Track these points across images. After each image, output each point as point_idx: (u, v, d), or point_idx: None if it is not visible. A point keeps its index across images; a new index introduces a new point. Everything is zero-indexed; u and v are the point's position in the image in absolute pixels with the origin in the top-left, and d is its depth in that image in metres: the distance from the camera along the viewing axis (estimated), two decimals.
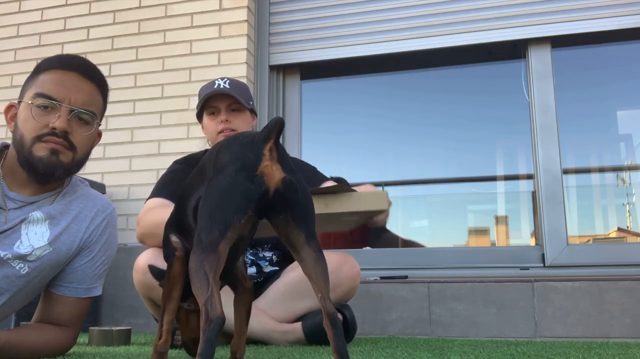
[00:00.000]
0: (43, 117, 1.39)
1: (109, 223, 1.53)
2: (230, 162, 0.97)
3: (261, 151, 0.96)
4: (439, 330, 2.43)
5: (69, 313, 1.47)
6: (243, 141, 1.00)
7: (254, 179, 0.94)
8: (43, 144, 1.39)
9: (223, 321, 0.87)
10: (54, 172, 1.40)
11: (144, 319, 2.73)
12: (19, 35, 3.35)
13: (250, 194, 0.94)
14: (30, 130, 1.39)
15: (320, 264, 0.97)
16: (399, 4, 3.02)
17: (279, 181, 0.96)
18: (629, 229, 2.94)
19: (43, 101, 1.39)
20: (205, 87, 2.15)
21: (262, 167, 0.95)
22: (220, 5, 3.08)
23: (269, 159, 0.96)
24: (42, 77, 1.43)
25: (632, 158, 2.95)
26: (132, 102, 3.09)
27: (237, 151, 0.98)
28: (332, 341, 0.92)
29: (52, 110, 1.39)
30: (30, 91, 1.42)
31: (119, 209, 2.93)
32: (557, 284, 2.36)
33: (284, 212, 0.97)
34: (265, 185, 0.95)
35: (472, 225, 3.16)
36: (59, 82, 1.41)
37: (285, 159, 0.99)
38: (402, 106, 3.30)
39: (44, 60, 1.46)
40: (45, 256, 1.41)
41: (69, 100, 1.40)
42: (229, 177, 0.95)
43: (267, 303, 1.94)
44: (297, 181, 0.98)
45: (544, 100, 2.80)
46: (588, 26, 2.77)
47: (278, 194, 0.96)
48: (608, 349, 1.68)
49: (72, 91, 1.41)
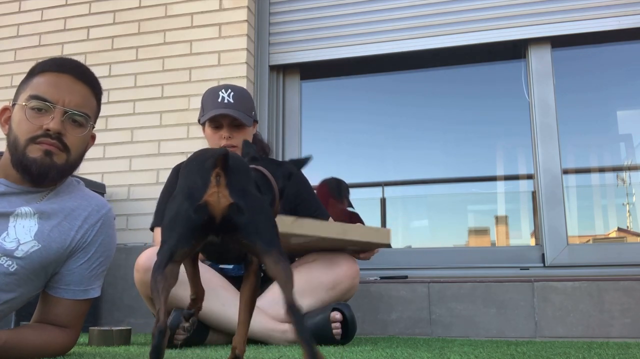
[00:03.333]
0: (37, 119, 1.39)
1: (104, 223, 1.52)
2: (180, 189, 1.03)
3: (209, 178, 0.99)
4: (439, 330, 2.43)
5: (67, 315, 1.47)
6: (196, 165, 1.04)
7: (197, 209, 0.98)
8: (37, 146, 1.39)
9: (165, 329, 0.94)
10: (48, 173, 1.41)
11: (144, 319, 2.73)
12: (19, 35, 3.35)
13: (192, 225, 0.99)
14: (24, 132, 1.39)
15: (280, 264, 1.00)
16: (399, 4, 3.02)
17: (225, 208, 0.99)
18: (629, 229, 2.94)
19: (37, 103, 1.39)
20: (210, 97, 2.14)
21: (207, 196, 0.98)
22: (220, 5, 3.08)
23: (214, 185, 0.99)
24: (36, 79, 1.43)
25: (632, 158, 2.95)
26: (132, 102, 3.09)
27: (189, 177, 1.03)
28: (295, 329, 0.96)
29: (46, 112, 1.40)
30: (24, 93, 1.42)
31: (118, 209, 2.94)
32: (557, 284, 2.36)
33: (234, 233, 1.01)
34: (209, 213, 0.98)
35: (472, 225, 3.17)
36: (53, 84, 1.42)
37: (234, 181, 1.01)
38: (402, 105, 3.31)
39: (38, 63, 1.47)
40: (35, 253, 1.39)
41: (62, 102, 1.41)
42: (175, 206, 1.01)
43: (267, 303, 1.94)
44: (246, 202, 1.01)
45: (544, 100, 2.80)
46: (588, 26, 2.77)
47: (226, 219, 0.99)
48: (608, 349, 1.68)
49: (66, 92, 1.42)
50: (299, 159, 1.35)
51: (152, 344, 0.94)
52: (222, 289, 1.89)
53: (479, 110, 3.18)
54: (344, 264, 2.00)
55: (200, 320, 1.87)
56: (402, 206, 3.30)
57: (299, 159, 1.35)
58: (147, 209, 2.93)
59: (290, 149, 3.08)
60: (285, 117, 3.16)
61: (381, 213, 3.23)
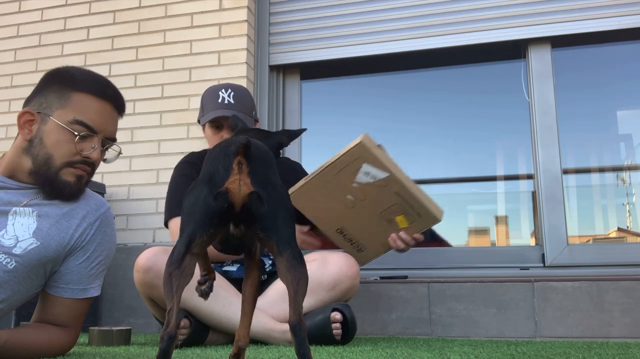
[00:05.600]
0: (79, 145, 1.42)
1: (103, 222, 1.52)
2: (202, 176, 1.00)
3: (230, 164, 0.97)
4: (439, 330, 2.43)
5: (66, 314, 1.47)
6: (219, 152, 1.01)
7: (217, 196, 0.96)
8: (72, 170, 1.43)
9: (176, 334, 0.94)
10: (77, 195, 1.47)
11: (144, 319, 2.73)
12: (19, 35, 3.35)
13: (211, 212, 0.97)
14: (63, 154, 1.41)
15: (292, 272, 0.97)
16: (399, 4, 3.02)
17: (245, 196, 0.97)
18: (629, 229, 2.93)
19: (82, 129, 1.42)
20: (210, 97, 2.13)
21: (228, 183, 0.96)
22: (220, 5, 3.08)
23: (236, 173, 0.97)
24: (77, 99, 1.43)
25: (632, 158, 2.95)
26: (132, 102, 3.09)
27: (212, 164, 1.00)
28: (295, 348, 0.93)
29: (87, 138, 1.43)
30: (63, 110, 1.42)
31: (119, 209, 2.94)
32: (557, 284, 2.36)
33: (252, 224, 0.99)
34: (229, 201, 0.96)
35: (472, 225, 3.16)
36: (98, 112, 1.45)
37: (258, 169, 0.99)
38: (402, 105, 3.30)
39: (75, 76, 1.46)
40: (33, 251, 1.39)
41: (104, 132, 1.46)
42: (196, 193, 0.99)
43: (267, 302, 1.95)
44: (267, 192, 0.98)
45: (544, 100, 2.80)
46: (588, 26, 2.77)
47: (245, 208, 0.97)
48: (608, 349, 1.68)
49: (108, 123, 1.47)
50: (293, 130, 1.34)
51: (159, 347, 0.93)
52: (222, 290, 1.89)
53: (479, 110, 3.18)
54: (344, 265, 2.00)
55: (200, 320, 1.87)
56: None
57: (293, 130, 1.34)
58: (147, 209, 2.93)
59: (290, 149, 3.08)
60: (285, 117, 3.16)
61: None
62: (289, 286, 0.97)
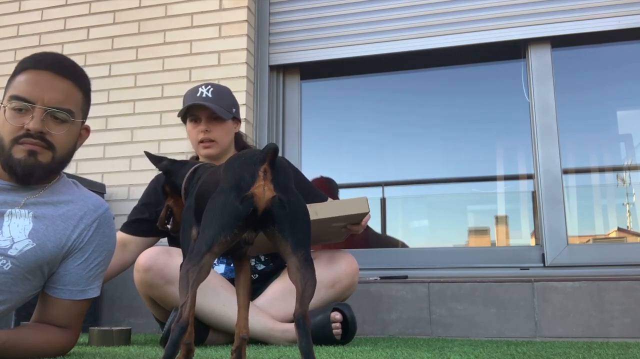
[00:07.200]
0: (18, 119, 1.39)
1: (101, 223, 1.51)
2: (228, 182, 1.08)
3: (257, 171, 1.05)
4: (439, 330, 2.43)
5: (65, 315, 1.46)
6: (245, 161, 1.09)
7: (244, 200, 1.04)
8: (20, 146, 1.39)
9: (187, 325, 0.99)
10: (33, 173, 1.41)
11: (144, 319, 2.73)
12: (19, 35, 3.35)
13: (238, 214, 1.04)
14: (8, 133, 1.40)
15: (302, 272, 1.03)
16: (399, 4, 3.02)
17: (269, 200, 1.05)
18: (629, 229, 2.93)
19: (17, 103, 1.39)
20: (190, 93, 2.18)
21: (254, 188, 1.04)
22: (220, 5, 3.08)
23: (262, 179, 1.05)
24: (17, 78, 1.43)
25: (632, 158, 2.94)
26: (132, 102, 3.09)
27: (237, 171, 1.08)
28: (298, 341, 0.99)
29: (26, 112, 1.39)
30: (8, 93, 1.42)
31: (118, 209, 2.94)
32: (557, 284, 2.36)
33: (272, 226, 1.06)
34: (254, 205, 1.04)
35: (472, 225, 3.16)
36: (32, 82, 1.41)
37: (280, 178, 1.07)
38: (402, 105, 3.30)
39: (21, 61, 1.46)
40: (29, 252, 1.39)
41: (42, 100, 1.40)
42: (223, 196, 1.06)
43: (267, 302, 1.95)
44: (288, 198, 1.06)
45: (544, 100, 2.79)
46: (588, 26, 2.77)
47: (267, 212, 1.05)
48: (608, 349, 1.68)
49: (46, 90, 1.41)
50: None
51: (170, 337, 0.96)
52: (222, 289, 1.89)
53: (479, 110, 3.18)
54: (344, 262, 2.00)
55: (200, 320, 1.87)
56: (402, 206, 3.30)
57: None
58: None
59: (290, 149, 3.08)
60: (285, 117, 3.16)
61: (381, 213, 3.23)
62: (297, 284, 1.03)
